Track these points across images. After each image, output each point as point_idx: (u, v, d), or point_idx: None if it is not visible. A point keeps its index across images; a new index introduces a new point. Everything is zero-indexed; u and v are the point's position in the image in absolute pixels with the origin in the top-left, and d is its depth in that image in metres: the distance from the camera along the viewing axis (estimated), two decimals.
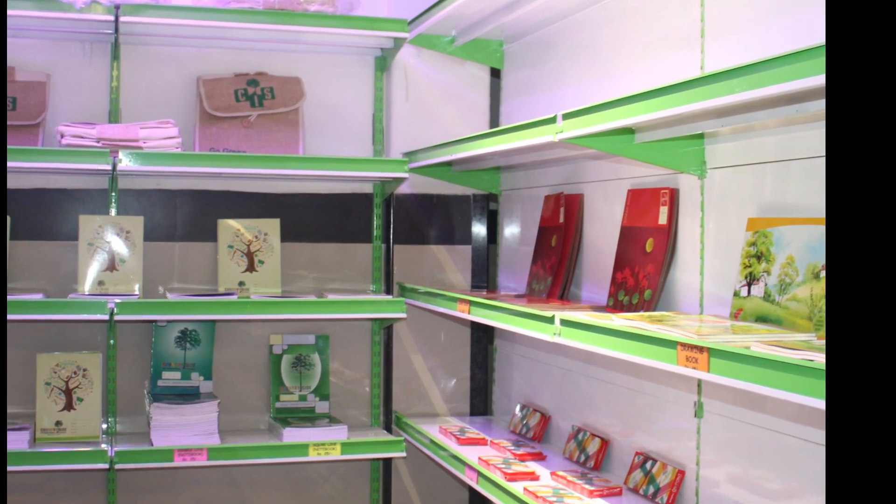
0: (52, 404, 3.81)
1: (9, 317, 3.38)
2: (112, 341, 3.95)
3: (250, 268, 4.10)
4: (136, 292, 3.84)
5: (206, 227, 4.08)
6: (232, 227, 4.08)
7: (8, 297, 3.47)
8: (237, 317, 3.69)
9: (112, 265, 3.95)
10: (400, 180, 3.94)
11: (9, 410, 3.82)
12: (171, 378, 4.02)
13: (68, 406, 3.82)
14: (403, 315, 3.77)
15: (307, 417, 4.03)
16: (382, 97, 4.20)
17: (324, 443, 3.74)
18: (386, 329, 4.18)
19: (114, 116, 3.95)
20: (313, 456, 3.73)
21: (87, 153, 3.52)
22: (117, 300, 3.52)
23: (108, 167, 3.53)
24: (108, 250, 3.93)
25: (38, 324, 3.86)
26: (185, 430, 3.72)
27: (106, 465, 3.57)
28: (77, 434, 3.78)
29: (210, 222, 4.07)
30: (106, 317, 3.49)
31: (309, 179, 4.11)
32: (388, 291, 4.15)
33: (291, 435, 3.79)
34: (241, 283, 4.08)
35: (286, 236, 4.11)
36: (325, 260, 4.19)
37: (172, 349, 4.05)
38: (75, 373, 3.83)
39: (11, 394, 3.85)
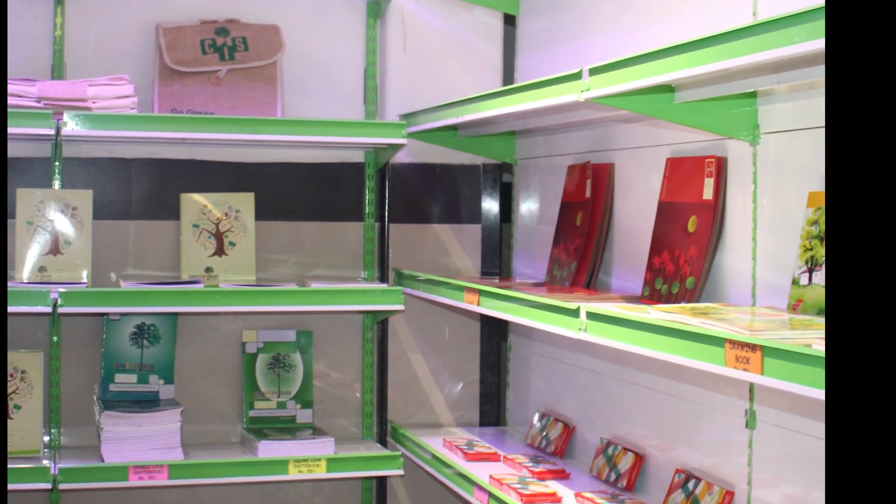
0: None
1: None
2: (55, 338, 3.98)
3: (219, 251, 4.09)
4: (84, 280, 3.84)
5: (166, 202, 4.10)
6: (197, 203, 4.09)
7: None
8: (204, 309, 3.72)
9: (55, 248, 3.94)
10: (396, 147, 3.92)
11: None
12: (125, 381, 4.03)
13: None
14: (401, 307, 3.77)
15: (287, 428, 4.03)
16: (375, 49, 4.21)
17: (306, 458, 3.74)
18: (380, 324, 4.18)
19: (58, 72, 3.95)
20: (294, 474, 3.72)
21: (26, 115, 3.52)
22: (61, 289, 3.51)
23: (51, 132, 3.51)
24: (51, 230, 3.91)
25: None
26: (142, 444, 3.71)
27: (49, 485, 3.57)
28: (14, 448, 3.78)
29: (171, 197, 4.10)
30: (48, 309, 3.48)
31: (289, 146, 4.14)
32: (383, 279, 4.14)
33: (268, 449, 3.79)
34: (209, 270, 4.08)
35: (262, 214, 4.12)
36: (307, 242, 4.21)
37: (127, 347, 4.04)
38: (12, 375, 3.84)
39: None
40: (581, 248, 3.49)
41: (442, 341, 4.30)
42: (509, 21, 4.25)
